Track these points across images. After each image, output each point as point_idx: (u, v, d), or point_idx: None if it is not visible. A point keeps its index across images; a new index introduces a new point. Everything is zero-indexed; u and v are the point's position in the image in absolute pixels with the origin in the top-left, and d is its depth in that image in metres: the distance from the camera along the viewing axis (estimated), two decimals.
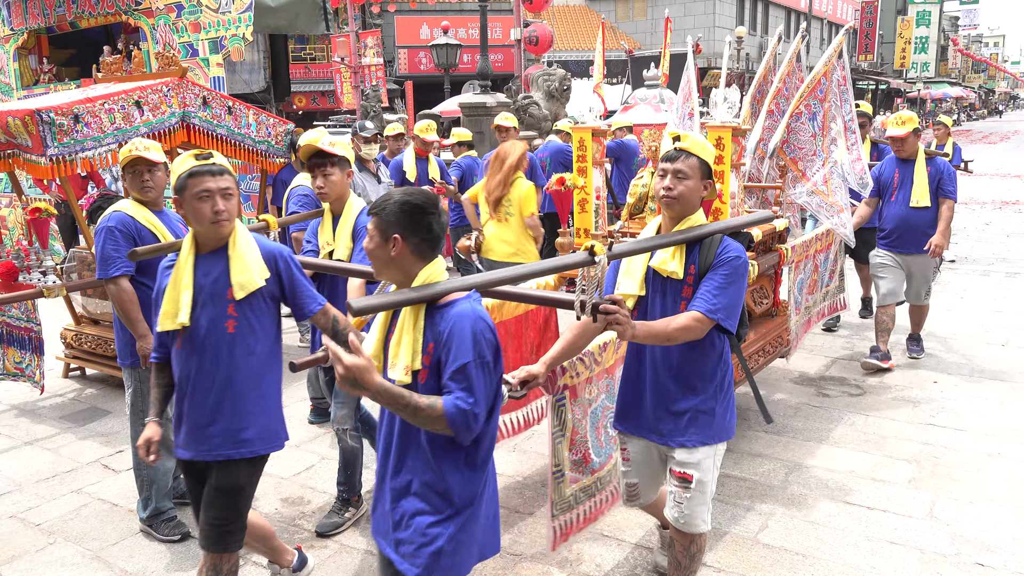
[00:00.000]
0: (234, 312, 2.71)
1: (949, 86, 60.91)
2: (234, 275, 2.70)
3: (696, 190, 2.76)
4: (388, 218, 2.18)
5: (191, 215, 2.68)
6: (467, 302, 2.18)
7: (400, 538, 2.21)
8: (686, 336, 2.65)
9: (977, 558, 3.45)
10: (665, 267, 2.76)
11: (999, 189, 17.44)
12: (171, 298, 2.70)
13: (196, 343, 2.70)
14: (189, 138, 5.61)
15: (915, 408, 5.13)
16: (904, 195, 5.76)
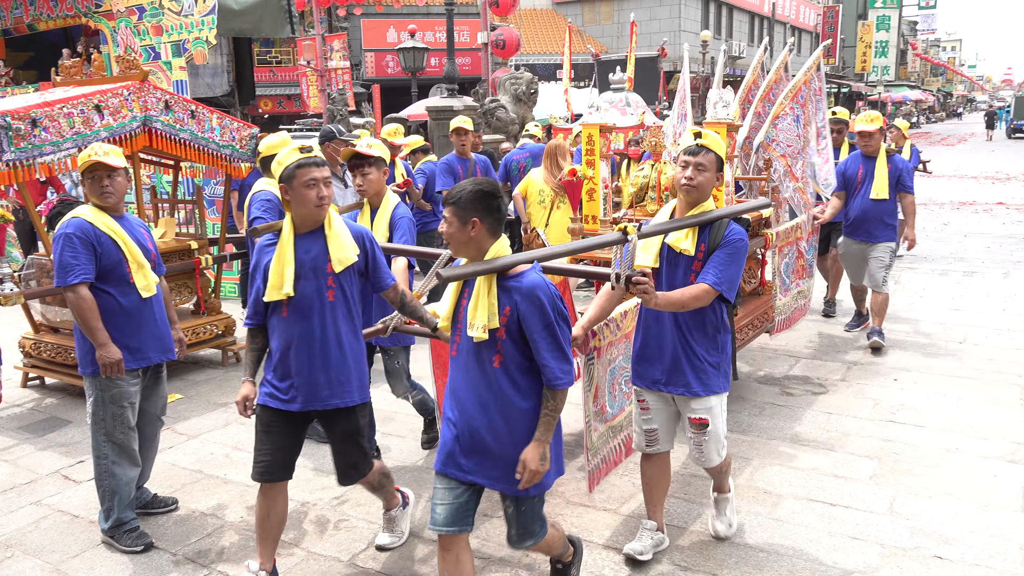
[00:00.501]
0: (332, 283, 3.13)
1: (909, 89, 62.11)
2: (332, 251, 3.11)
3: (712, 180, 3.24)
4: (465, 205, 2.65)
5: (297, 200, 3.06)
6: (534, 272, 2.70)
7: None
8: (696, 304, 3.14)
9: (936, 551, 3.52)
10: (679, 244, 3.24)
11: (957, 190, 17.84)
12: (276, 272, 3.07)
13: (302, 310, 3.10)
14: (151, 142, 5.54)
15: (876, 406, 5.23)
16: (867, 188, 6.33)
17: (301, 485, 4.30)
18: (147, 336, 3.70)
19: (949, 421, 4.95)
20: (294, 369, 3.14)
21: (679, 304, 3.12)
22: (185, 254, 6.23)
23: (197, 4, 7.77)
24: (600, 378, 3.68)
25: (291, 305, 3.10)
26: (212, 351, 6.63)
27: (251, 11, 9.16)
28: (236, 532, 3.83)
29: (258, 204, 4.71)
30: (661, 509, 3.58)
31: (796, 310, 5.97)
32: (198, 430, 5.10)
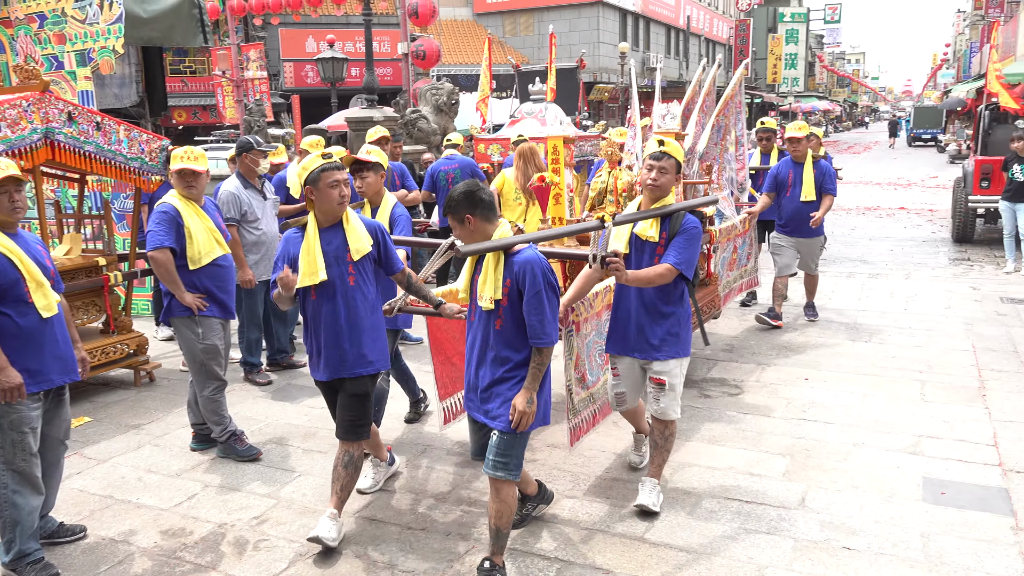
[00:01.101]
0: (352, 270, 3.68)
1: (817, 100, 64.69)
2: (351, 243, 3.67)
3: (671, 180, 3.90)
4: (458, 208, 3.30)
5: (321, 199, 3.61)
6: (530, 250, 3.32)
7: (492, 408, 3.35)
8: (660, 281, 3.78)
9: (844, 542, 3.67)
10: (645, 233, 3.91)
11: (863, 196, 18.66)
12: (307, 261, 3.60)
13: (328, 293, 3.65)
14: (54, 156, 5.31)
15: (788, 405, 5.42)
16: (797, 191, 7.19)
17: (219, 506, 4.18)
18: (48, 357, 3.54)
19: (856, 417, 5.17)
20: (323, 343, 3.69)
21: (646, 280, 3.76)
22: (92, 271, 6.00)
23: (103, 12, 7.51)
24: (580, 349, 4.22)
25: (320, 289, 3.64)
26: (123, 371, 6.39)
27: (161, 19, 8.88)
28: (149, 558, 3.70)
29: (154, 217, 4.61)
30: (644, 421, 4.40)
31: (727, 294, 6.81)
32: (108, 454, 4.91)
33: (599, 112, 36.27)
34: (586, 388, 4.35)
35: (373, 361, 3.75)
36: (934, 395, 5.54)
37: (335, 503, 3.75)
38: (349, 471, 3.76)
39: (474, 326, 3.43)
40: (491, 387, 3.34)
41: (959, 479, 4.27)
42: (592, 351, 4.39)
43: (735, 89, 6.72)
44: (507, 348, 3.30)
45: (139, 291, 8.05)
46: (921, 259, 10.77)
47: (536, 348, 3.25)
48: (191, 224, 4.63)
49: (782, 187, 7.27)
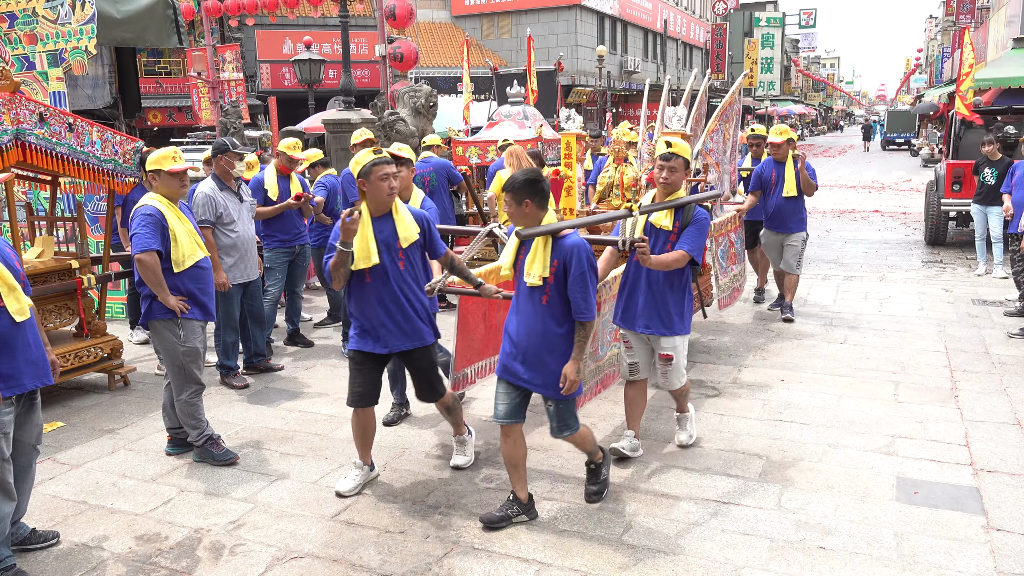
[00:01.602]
0: (402, 256, 4.10)
1: (793, 103, 65.32)
2: (400, 231, 4.08)
3: (681, 177, 4.48)
4: (518, 189, 3.68)
5: (373, 191, 3.99)
6: (575, 235, 3.74)
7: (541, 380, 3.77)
8: (676, 265, 4.32)
9: (820, 542, 3.71)
10: (660, 222, 4.46)
11: (838, 199, 18.88)
12: (361, 247, 3.98)
13: (382, 276, 4.07)
14: (25, 157, 5.24)
15: (765, 406, 5.47)
16: (780, 188, 7.61)
17: (194, 511, 4.14)
18: (21, 361, 3.49)
19: (831, 418, 5.23)
20: (379, 321, 4.10)
21: (665, 264, 4.28)
22: (65, 274, 5.92)
23: (75, 12, 7.42)
24: (596, 328, 4.67)
25: (373, 272, 4.04)
26: (97, 375, 6.31)
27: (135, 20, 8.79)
28: (123, 564, 3.65)
29: (138, 219, 4.55)
30: (639, 423, 4.70)
31: (735, 290, 7.23)
32: (82, 459, 4.84)
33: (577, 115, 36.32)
34: (595, 361, 4.87)
35: (426, 332, 4.23)
36: (907, 396, 5.61)
37: (457, 430, 4.58)
38: (456, 410, 4.50)
39: (519, 301, 3.83)
40: (537, 358, 3.74)
41: (932, 479, 4.33)
42: (605, 328, 4.94)
43: (733, 96, 7.12)
44: (552, 321, 3.71)
45: (113, 294, 7.96)
46: (895, 261, 10.92)
47: (580, 323, 3.69)
48: (175, 227, 4.59)
49: (767, 185, 7.69)
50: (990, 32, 24.44)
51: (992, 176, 9.63)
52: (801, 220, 7.66)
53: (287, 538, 3.84)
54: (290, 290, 7.26)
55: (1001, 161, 9.64)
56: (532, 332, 3.73)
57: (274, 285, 6.98)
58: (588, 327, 3.70)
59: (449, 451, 4.79)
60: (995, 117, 11.80)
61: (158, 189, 4.65)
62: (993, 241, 9.71)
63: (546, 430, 4.28)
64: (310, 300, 9.05)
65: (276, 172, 6.99)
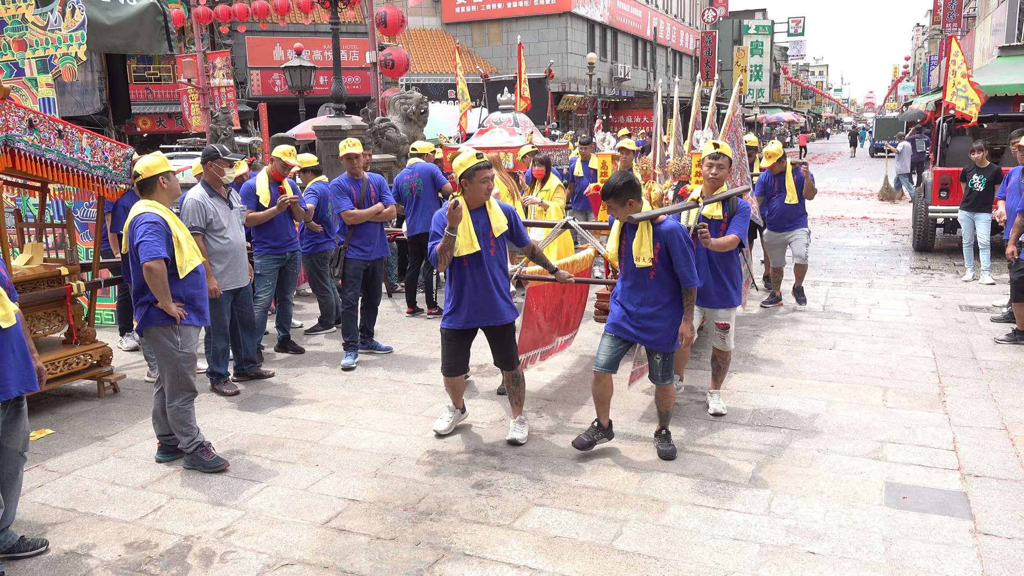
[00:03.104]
0: (493, 244, 4.82)
1: (782, 111, 65.71)
2: (493, 222, 4.80)
3: (726, 173, 5.38)
4: (621, 193, 4.50)
5: (474, 190, 4.74)
6: (670, 220, 4.56)
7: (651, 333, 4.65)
8: (731, 247, 5.19)
9: (809, 547, 3.73)
10: (712, 213, 5.32)
11: (826, 205, 18.99)
12: (464, 235, 4.68)
13: (477, 261, 4.77)
14: (14, 164, 5.22)
15: (755, 411, 5.50)
16: (782, 196, 8.49)
17: (184, 518, 4.13)
18: (7, 368, 3.48)
19: (820, 424, 5.26)
20: (472, 300, 4.81)
21: (722, 246, 5.13)
22: (54, 281, 5.90)
23: (65, 18, 7.41)
24: None
25: (470, 258, 4.74)
26: (86, 382, 6.28)
27: (124, 27, 8.79)
28: (113, 571, 3.63)
29: (143, 227, 4.51)
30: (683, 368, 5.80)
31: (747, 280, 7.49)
32: (71, 466, 4.82)
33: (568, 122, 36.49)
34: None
35: (508, 311, 4.92)
36: (896, 401, 5.65)
37: (516, 412, 5.08)
38: (521, 385, 5.08)
39: (628, 279, 4.63)
40: (650, 319, 4.57)
41: (920, 484, 4.36)
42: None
43: (735, 106, 7.42)
44: (661, 292, 4.55)
45: (103, 301, 7.93)
46: (883, 268, 10.99)
47: (687, 290, 4.55)
48: (177, 233, 4.59)
49: (769, 192, 8.57)
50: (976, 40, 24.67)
51: (981, 183, 9.72)
52: (803, 218, 8.55)
53: (278, 545, 3.84)
54: (280, 296, 7.25)
55: (989, 168, 9.73)
56: (645, 302, 4.55)
57: (264, 292, 6.97)
58: (694, 292, 4.56)
59: (440, 458, 4.80)
60: (982, 125, 11.90)
61: (159, 195, 4.64)
62: (980, 247, 9.79)
63: (536, 436, 4.41)
64: (301, 307, 9.04)
65: (268, 178, 6.98)
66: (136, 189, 4.76)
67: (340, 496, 4.34)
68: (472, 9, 37.18)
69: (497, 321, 4.90)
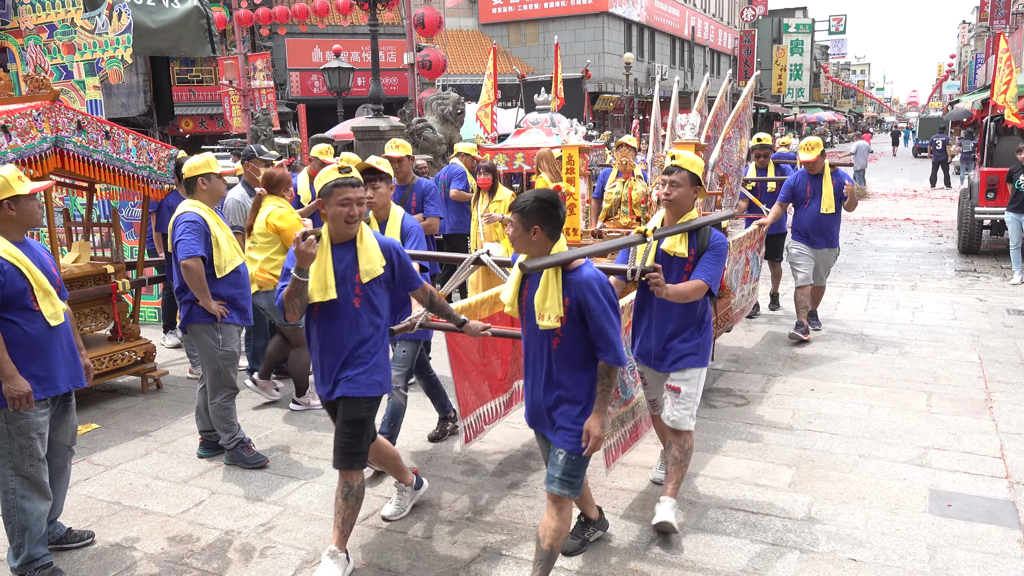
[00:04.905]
0: (360, 292, 3.46)
1: (822, 110, 64.75)
2: (361, 264, 3.45)
3: (686, 194, 3.85)
4: (528, 213, 3.06)
5: (331, 215, 3.41)
6: (588, 267, 3.13)
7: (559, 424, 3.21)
8: (696, 296, 3.77)
9: (850, 554, 3.67)
10: (675, 249, 3.89)
11: (868, 206, 18.65)
12: (317, 276, 3.39)
13: (332, 313, 3.47)
14: (63, 164, 5.36)
15: (794, 415, 5.42)
16: (816, 203, 7.18)
17: (225, 513, 4.20)
18: (55, 364, 3.56)
19: (862, 428, 5.17)
20: (326, 362, 3.52)
21: (683, 295, 3.73)
22: (101, 279, 6.03)
23: (112, 22, 7.57)
24: None
25: (324, 307, 3.47)
26: (131, 378, 6.41)
27: (169, 30, 8.95)
28: (156, 564, 3.71)
29: (182, 226, 4.60)
30: None
31: (741, 310, 6.69)
32: (116, 460, 4.92)
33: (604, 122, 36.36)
34: (618, 406, 4.17)
35: (370, 385, 3.50)
36: (940, 407, 5.53)
37: (336, 539, 3.52)
38: (349, 503, 3.51)
39: (531, 343, 3.25)
40: (556, 407, 3.19)
41: (966, 491, 4.26)
42: (624, 367, 4.09)
43: (746, 101, 6.72)
44: (566, 368, 3.15)
45: (147, 299, 8.09)
46: (927, 270, 10.76)
47: (609, 368, 3.11)
48: (217, 233, 4.67)
49: (799, 198, 7.27)
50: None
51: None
52: (836, 236, 7.37)
53: (316, 541, 3.88)
54: None
55: None
56: (549, 379, 3.19)
57: None
58: (614, 373, 3.13)
59: (477, 456, 4.81)
60: None
61: (200, 195, 4.72)
62: None
63: None
64: None
65: (309, 178, 7.07)
66: (182, 189, 4.86)
67: (377, 494, 4.37)
68: (508, 10, 37.23)
69: (348, 392, 3.48)
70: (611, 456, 4.14)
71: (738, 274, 6.41)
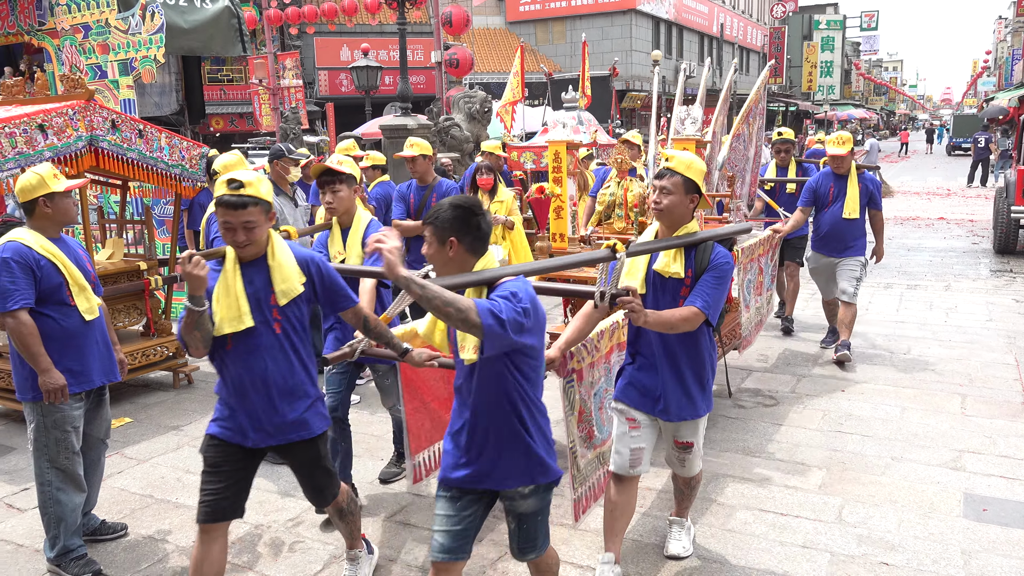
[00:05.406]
0: (278, 315, 2.98)
1: (853, 108, 63.87)
2: (276, 283, 2.96)
3: (680, 203, 3.21)
4: (443, 224, 2.56)
5: (222, 234, 2.91)
6: (515, 283, 2.56)
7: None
8: (686, 327, 3.11)
9: (882, 558, 3.61)
10: (668, 269, 3.22)
11: (900, 205, 18.37)
12: (228, 304, 2.88)
13: (250, 344, 2.93)
14: (97, 162, 5.45)
15: (824, 416, 5.35)
16: (838, 207, 6.40)
17: (255, 507, 4.23)
18: (90, 359, 3.63)
19: (894, 430, 5.09)
20: (245, 405, 2.97)
21: (668, 325, 3.07)
22: (134, 275, 6.12)
23: (145, 22, 7.68)
24: (584, 401, 3.49)
25: (238, 338, 2.90)
26: (162, 373, 6.50)
27: (201, 29, 9.05)
28: (188, 557, 3.76)
29: (216, 224, 4.64)
30: (620, 540, 3.39)
31: (757, 324, 6.03)
32: (148, 454, 5.00)
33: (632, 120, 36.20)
34: (593, 447, 3.60)
35: (321, 418, 3.13)
36: (975, 409, 5.43)
37: (349, 543, 3.44)
38: (347, 519, 3.37)
39: (458, 376, 2.73)
40: (476, 452, 2.68)
41: (1002, 496, 4.18)
42: (602, 401, 3.68)
43: (758, 94, 6.23)
44: (503, 402, 2.62)
45: (179, 295, 8.18)
46: (961, 270, 10.58)
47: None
48: None
49: (821, 201, 6.48)
50: None
51: None
52: (860, 244, 6.46)
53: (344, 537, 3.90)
54: None
55: None
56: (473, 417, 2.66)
57: None
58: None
59: None
60: None
61: None
62: None
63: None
64: None
65: None
66: (213, 187, 4.90)
67: (406, 491, 4.39)
68: (536, 7, 37.19)
69: (284, 437, 3.04)
70: (581, 506, 3.51)
71: (750, 285, 5.76)
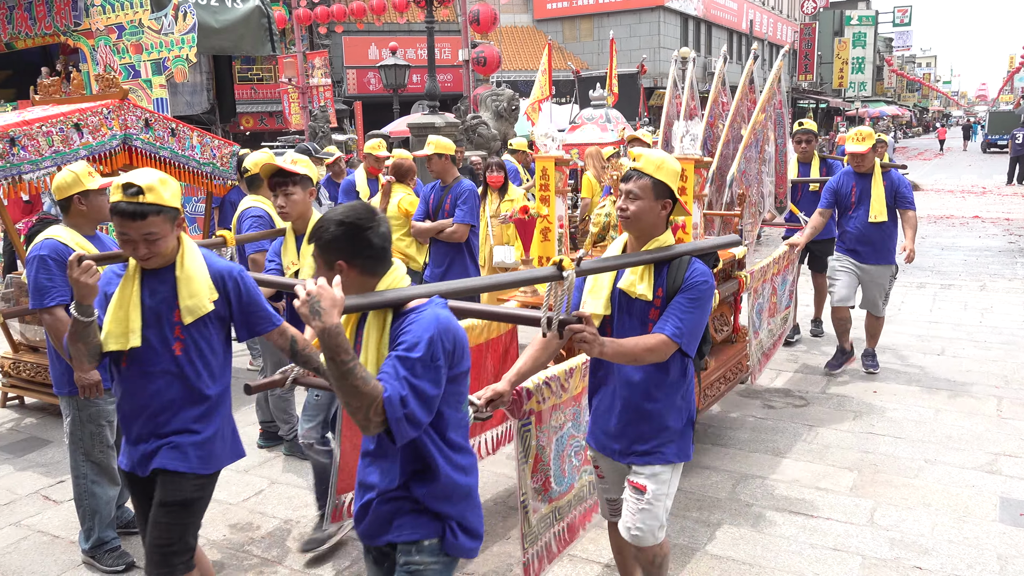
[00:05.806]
0: (181, 335, 2.62)
1: (885, 105, 62.94)
2: (182, 299, 2.61)
3: (650, 210, 2.69)
4: (326, 245, 2.13)
5: (120, 245, 2.61)
6: (431, 308, 2.12)
7: None
8: (652, 358, 2.61)
9: (915, 562, 3.56)
10: (634, 289, 2.71)
11: (934, 204, 18.07)
12: (117, 318, 2.57)
13: (144, 364, 2.61)
14: (131, 160, 5.52)
15: (856, 418, 5.28)
16: (863, 210, 5.87)
17: (284, 503, 4.28)
18: None
19: (927, 432, 5.01)
20: (135, 431, 2.68)
21: (631, 356, 2.58)
22: None
23: (177, 22, 7.78)
24: (543, 448, 3.08)
25: (132, 356, 2.61)
26: None
27: (232, 29, 9.16)
28: (219, 550, 3.80)
29: (248, 221, 4.69)
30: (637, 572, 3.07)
31: (772, 345, 5.66)
32: None
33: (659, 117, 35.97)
34: (548, 501, 3.15)
35: (204, 458, 2.69)
36: (1012, 412, 5.33)
37: None
38: None
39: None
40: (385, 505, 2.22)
41: None
42: (566, 449, 3.27)
43: (771, 90, 5.68)
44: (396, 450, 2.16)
45: None
46: (997, 270, 10.38)
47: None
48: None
49: (843, 203, 5.96)
50: None
51: None
52: (890, 251, 5.94)
53: None
54: None
55: None
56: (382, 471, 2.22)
57: None
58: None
59: None
60: None
61: (263, 191, 4.81)
62: None
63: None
64: None
65: (366, 174, 7.15)
66: (244, 185, 4.95)
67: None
68: (563, 5, 37.08)
69: (166, 464, 2.65)
70: (533, 570, 3.09)
71: (760, 309, 5.31)
